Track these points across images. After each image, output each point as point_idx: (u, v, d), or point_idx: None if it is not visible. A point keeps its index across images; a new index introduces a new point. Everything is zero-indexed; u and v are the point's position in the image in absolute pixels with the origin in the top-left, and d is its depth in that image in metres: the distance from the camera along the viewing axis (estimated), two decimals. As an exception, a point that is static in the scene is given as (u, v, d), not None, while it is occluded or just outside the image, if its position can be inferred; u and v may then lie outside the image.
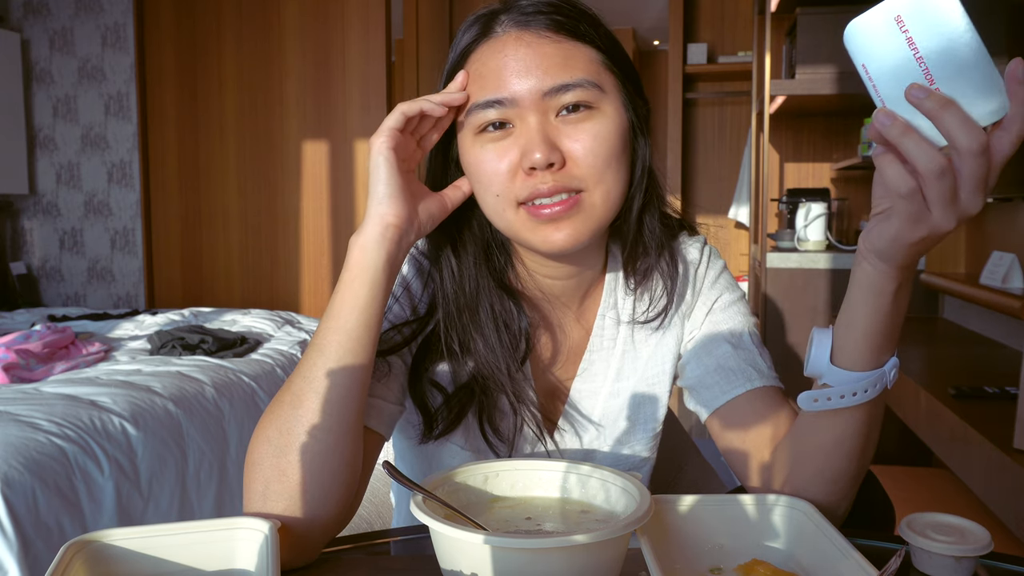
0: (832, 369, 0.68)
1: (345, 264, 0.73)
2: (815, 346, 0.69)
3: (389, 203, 0.72)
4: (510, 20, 0.76)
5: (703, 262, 0.91)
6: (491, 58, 0.76)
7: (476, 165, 0.77)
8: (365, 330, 0.71)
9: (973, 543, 0.63)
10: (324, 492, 0.69)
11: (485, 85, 0.76)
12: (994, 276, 1.89)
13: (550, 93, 0.74)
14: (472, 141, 0.77)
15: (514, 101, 0.74)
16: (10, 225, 4.04)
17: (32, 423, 1.70)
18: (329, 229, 3.86)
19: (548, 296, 0.86)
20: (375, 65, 3.79)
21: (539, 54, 0.74)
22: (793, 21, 2.94)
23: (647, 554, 0.58)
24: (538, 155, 0.72)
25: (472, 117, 0.76)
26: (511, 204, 0.76)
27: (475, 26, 0.78)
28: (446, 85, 0.80)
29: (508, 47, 0.75)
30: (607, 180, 0.76)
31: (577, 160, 0.74)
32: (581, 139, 0.74)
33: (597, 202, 0.76)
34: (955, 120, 0.53)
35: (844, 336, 0.68)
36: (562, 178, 0.74)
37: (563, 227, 0.75)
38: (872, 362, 0.68)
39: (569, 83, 0.74)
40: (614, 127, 0.76)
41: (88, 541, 0.59)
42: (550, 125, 0.75)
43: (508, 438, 0.84)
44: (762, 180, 2.96)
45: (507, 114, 0.75)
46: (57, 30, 3.98)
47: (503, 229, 0.79)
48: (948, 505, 1.61)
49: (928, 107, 0.53)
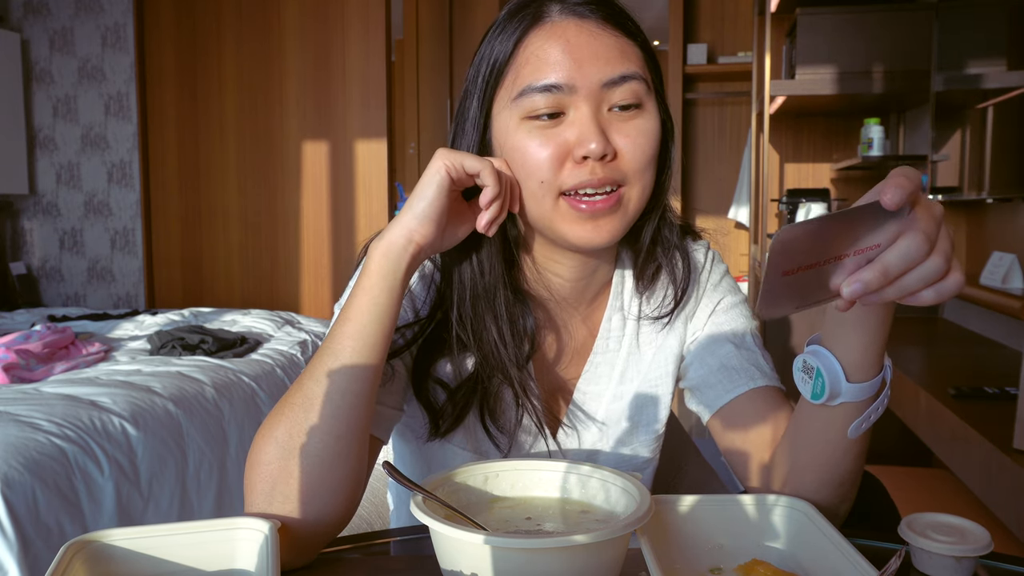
0: (851, 387, 0.67)
1: (364, 269, 0.72)
2: (826, 372, 0.67)
3: (422, 223, 0.72)
4: (564, 8, 0.76)
5: (707, 266, 0.92)
6: (548, 42, 0.75)
7: (521, 151, 0.76)
8: (380, 336, 0.71)
9: (973, 543, 0.63)
10: (329, 495, 0.69)
11: (542, 67, 0.74)
12: (994, 276, 1.89)
13: (608, 84, 0.74)
14: (518, 124, 0.76)
15: (572, 88, 0.74)
16: (10, 225, 4.04)
17: (32, 423, 1.70)
18: (329, 229, 3.86)
19: (555, 296, 0.86)
20: (375, 65, 3.78)
21: (600, 44, 0.75)
22: (793, 21, 2.94)
23: (647, 554, 0.58)
24: (594, 145, 0.73)
25: (523, 100, 0.75)
26: (553, 193, 0.75)
27: (523, 14, 0.77)
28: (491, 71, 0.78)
29: (569, 32, 0.75)
30: (645, 178, 0.77)
31: (624, 155, 0.75)
32: (631, 135, 0.75)
33: (634, 199, 0.77)
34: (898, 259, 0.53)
35: (861, 354, 0.66)
36: (610, 171, 0.74)
37: (602, 224, 0.76)
38: (880, 365, 0.68)
39: (627, 74, 0.74)
40: (656, 127, 0.77)
41: (88, 541, 0.59)
42: (603, 117, 0.75)
43: (509, 430, 0.84)
44: (762, 180, 2.96)
45: (562, 101, 0.74)
46: (57, 30, 3.97)
47: (537, 217, 0.78)
48: (948, 505, 1.61)
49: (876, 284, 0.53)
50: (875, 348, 0.66)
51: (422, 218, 0.72)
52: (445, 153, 0.72)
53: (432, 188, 0.72)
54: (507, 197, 0.76)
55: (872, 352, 0.66)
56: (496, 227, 0.76)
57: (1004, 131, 2.01)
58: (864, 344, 0.66)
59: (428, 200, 0.72)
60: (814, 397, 0.68)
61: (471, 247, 0.81)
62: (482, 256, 0.81)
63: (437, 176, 0.72)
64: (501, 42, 0.78)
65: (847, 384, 0.67)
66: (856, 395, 0.67)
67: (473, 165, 0.73)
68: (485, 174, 0.73)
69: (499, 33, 0.78)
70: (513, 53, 0.77)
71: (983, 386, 1.46)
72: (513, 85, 0.76)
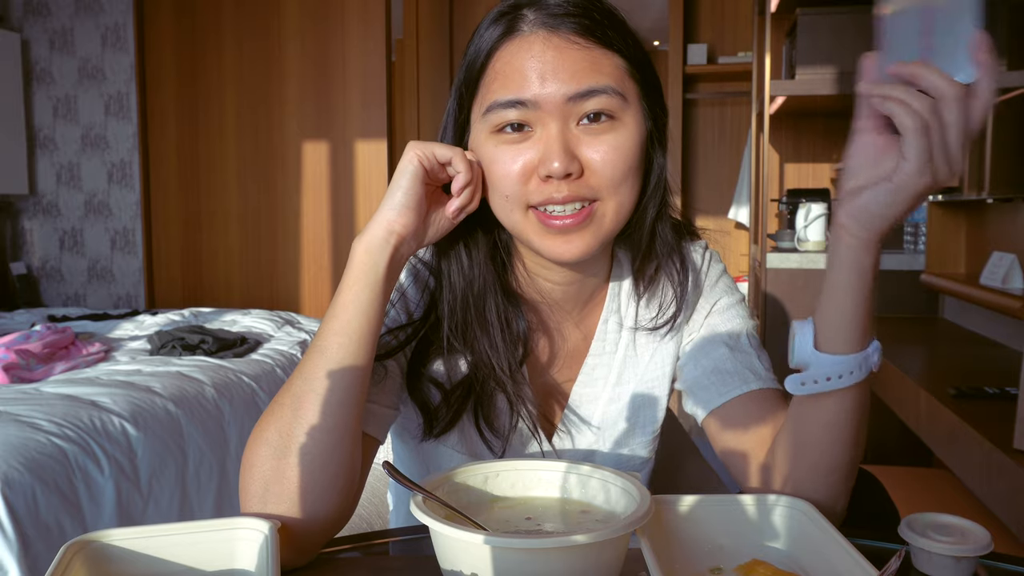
0: (817, 356, 0.69)
1: (348, 266, 0.72)
2: (798, 336, 0.70)
3: (400, 212, 0.72)
4: (537, 19, 0.75)
5: (704, 266, 0.91)
6: (516, 57, 0.74)
7: (488, 164, 0.76)
8: (366, 332, 0.71)
9: (973, 543, 0.63)
10: (323, 493, 0.69)
11: (508, 84, 0.74)
12: (994, 276, 1.89)
13: (574, 98, 0.73)
14: (487, 138, 0.77)
15: (536, 104, 0.73)
16: (10, 225, 4.04)
17: (32, 423, 1.70)
18: (329, 229, 3.86)
19: (548, 300, 0.86)
20: (375, 65, 3.78)
21: (566, 58, 0.73)
22: (793, 21, 2.94)
23: (647, 554, 0.58)
24: (556, 164, 0.72)
25: (491, 115, 0.75)
26: (520, 207, 0.76)
27: (500, 22, 0.77)
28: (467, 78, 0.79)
29: (535, 48, 0.74)
30: (622, 192, 0.76)
31: (595, 171, 0.74)
32: (601, 150, 0.74)
33: (609, 213, 0.76)
34: (935, 74, 0.58)
35: (828, 322, 0.69)
36: (577, 188, 0.74)
37: (573, 239, 0.75)
38: (856, 344, 0.68)
39: (594, 88, 0.73)
40: (634, 138, 0.76)
41: (88, 541, 0.59)
42: (570, 133, 0.74)
43: (503, 434, 0.84)
44: (762, 180, 2.96)
45: (528, 116, 0.74)
46: (57, 30, 3.98)
47: (510, 228, 0.79)
48: (948, 505, 1.61)
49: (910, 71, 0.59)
50: (855, 322, 0.67)
51: (399, 208, 0.72)
52: (416, 144, 0.73)
53: (406, 177, 0.72)
54: (478, 186, 0.77)
55: (850, 326, 0.67)
56: (464, 215, 0.77)
57: (1004, 131, 2.01)
58: (828, 309, 0.68)
59: (403, 189, 0.72)
60: (790, 362, 0.71)
61: (463, 250, 0.81)
62: (473, 260, 0.81)
63: (410, 166, 0.73)
64: (477, 51, 0.78)
65: (814, 352, 0.69)
66: (825, 366, 0.69)
67: (444, 153, 0.74)
68: (456, 160, 0.74)
69: (477, 40, 0.79)
70: (484, 66, 0.77)
71: (983, 386, 1.46)
72: (484, 99, 0.77)
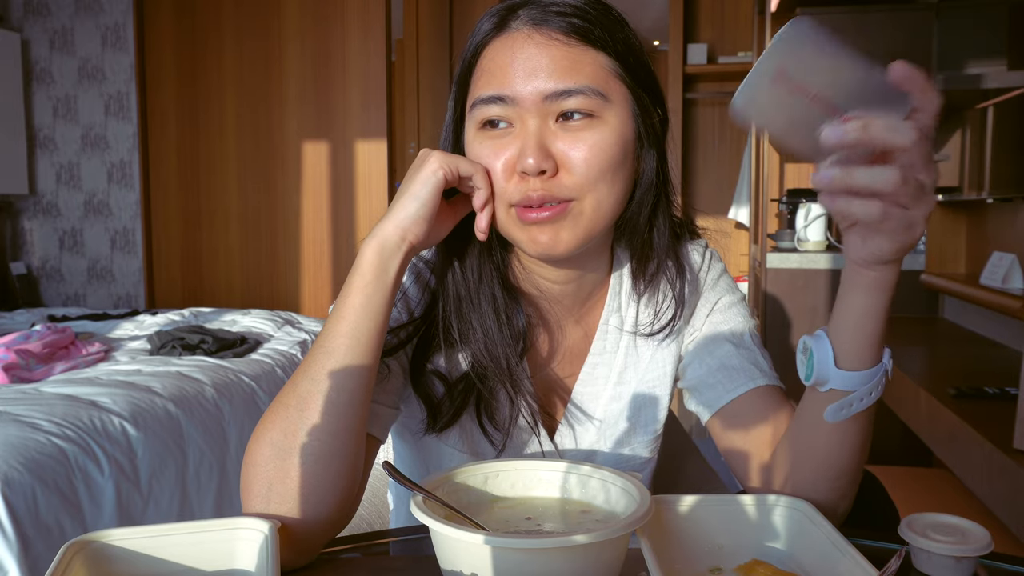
0: (840, 373, 0.68)
1: (356, 267, 0.72)
2: (817, 353, 0.68)
3: (416, 223, 0.72)
4: (527, 16, 0.76)
5: (704, 265, 0.91)
6: (500, 53, 0.76)
7: (474, 158, 0.77)
8: (374, 334, 0.71)
9: (973, 543, 0.63)
10: (326, 494, 0.69)
11: (491, 80, 0.76)
12: (994, 276, 1.89)
13: (551, 97, 0.74)
14: (474, 135, 0.78)
15: (515, 100, 0.74)
16: (10, 225, 4.04)
17: (32, 423, 1.70)
18: (329, 229, 3.86)
19: (546, 296, 0.86)
20: (375, 65, 3.79)
21: (546, 56, 0.74)
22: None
23: (647, 554, 0.58)
24: (530, 160, 0.72)
25: (476, 111, 0.77)
26: (503, 203, 0.76)
27: (493, 18, 0.78)
28: (460, 74, 0.80)
29: (517, 44, 0.75)
30: (599, 190, 0.75)
31: (570, 168, 0.74)
32: (577, 147, 0.74)
33: (586, 211, 0.76)
34: (882, 128, 0.54)
35: (849, 339, 0.67)
36: (552, 186, 0.74)
37: (546, 231, 0.75)
38: (876, 358, 0.68)
39: (571, 88, 0.73)
40: (614, 138, 0.75)
41: (88, 541, 0.59)
42: (548, 130, 0.74)
43: (504, 428, 0.84)
44: (762, 180, 2.96)
45: (508, 112, 0.75)
46: (57, 30, 3.98)
47: (496, 223, 0.79)
48: (948, 505, 1.61)
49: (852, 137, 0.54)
50: (866, 337, 0.67)
51: (417, 219, 0.72)
52: (441, 156, 0.73)
53: (428, 189, 0.72)
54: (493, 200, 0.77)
55: (862, 340, 0.67)
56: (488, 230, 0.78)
57: (1004, 131, 2.01)
58: (853, 330, 0.67)
59: (422, 201, 0.72)
60: (805, 379, 0.70)
61: (462, 248, 0.82)
62: (472, 256, 0.82)
63: (434, 178, 0.72)
64: (469, 47, 0.80)
65: (835, 370, 0.68)
66: (847, 383, 0.68)
67: (467, 168, 0.74)
68: (478, 178, 0.75)
69: (471, 37, 0.80)
70: (474, 62, 0.79)
71: (983, 386, 1.46)
72: (472, 95, 0.78)
